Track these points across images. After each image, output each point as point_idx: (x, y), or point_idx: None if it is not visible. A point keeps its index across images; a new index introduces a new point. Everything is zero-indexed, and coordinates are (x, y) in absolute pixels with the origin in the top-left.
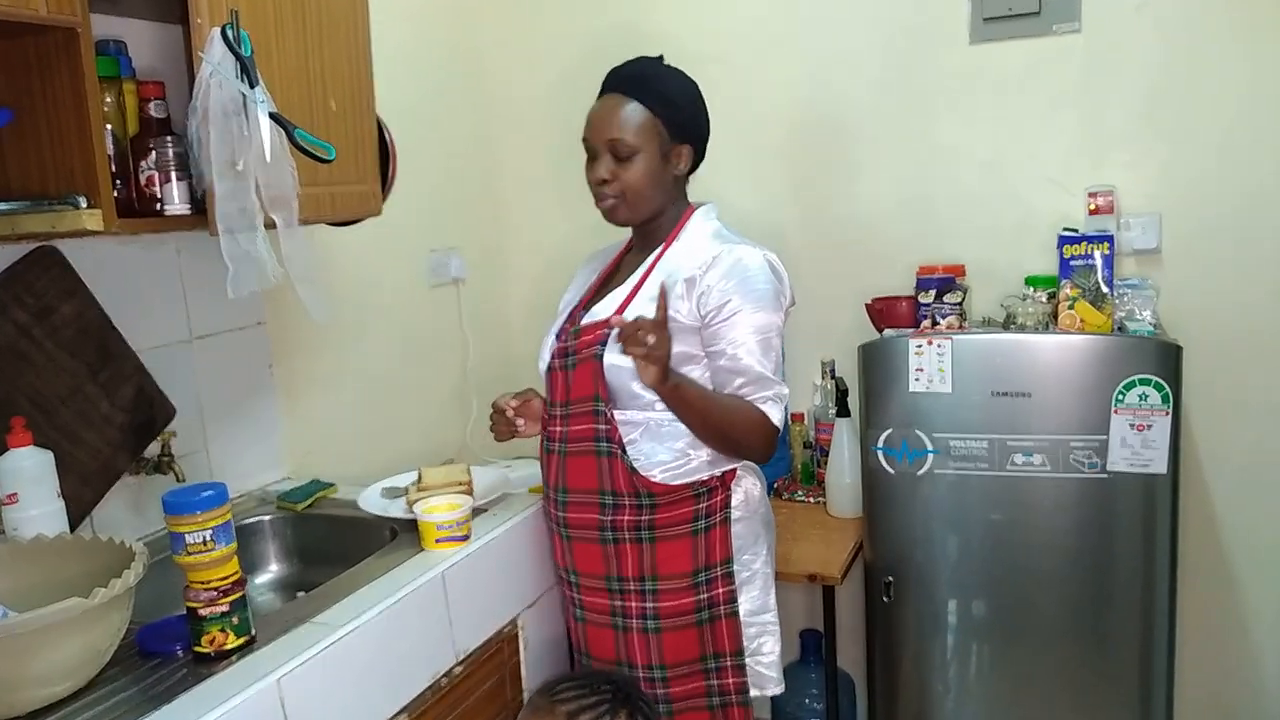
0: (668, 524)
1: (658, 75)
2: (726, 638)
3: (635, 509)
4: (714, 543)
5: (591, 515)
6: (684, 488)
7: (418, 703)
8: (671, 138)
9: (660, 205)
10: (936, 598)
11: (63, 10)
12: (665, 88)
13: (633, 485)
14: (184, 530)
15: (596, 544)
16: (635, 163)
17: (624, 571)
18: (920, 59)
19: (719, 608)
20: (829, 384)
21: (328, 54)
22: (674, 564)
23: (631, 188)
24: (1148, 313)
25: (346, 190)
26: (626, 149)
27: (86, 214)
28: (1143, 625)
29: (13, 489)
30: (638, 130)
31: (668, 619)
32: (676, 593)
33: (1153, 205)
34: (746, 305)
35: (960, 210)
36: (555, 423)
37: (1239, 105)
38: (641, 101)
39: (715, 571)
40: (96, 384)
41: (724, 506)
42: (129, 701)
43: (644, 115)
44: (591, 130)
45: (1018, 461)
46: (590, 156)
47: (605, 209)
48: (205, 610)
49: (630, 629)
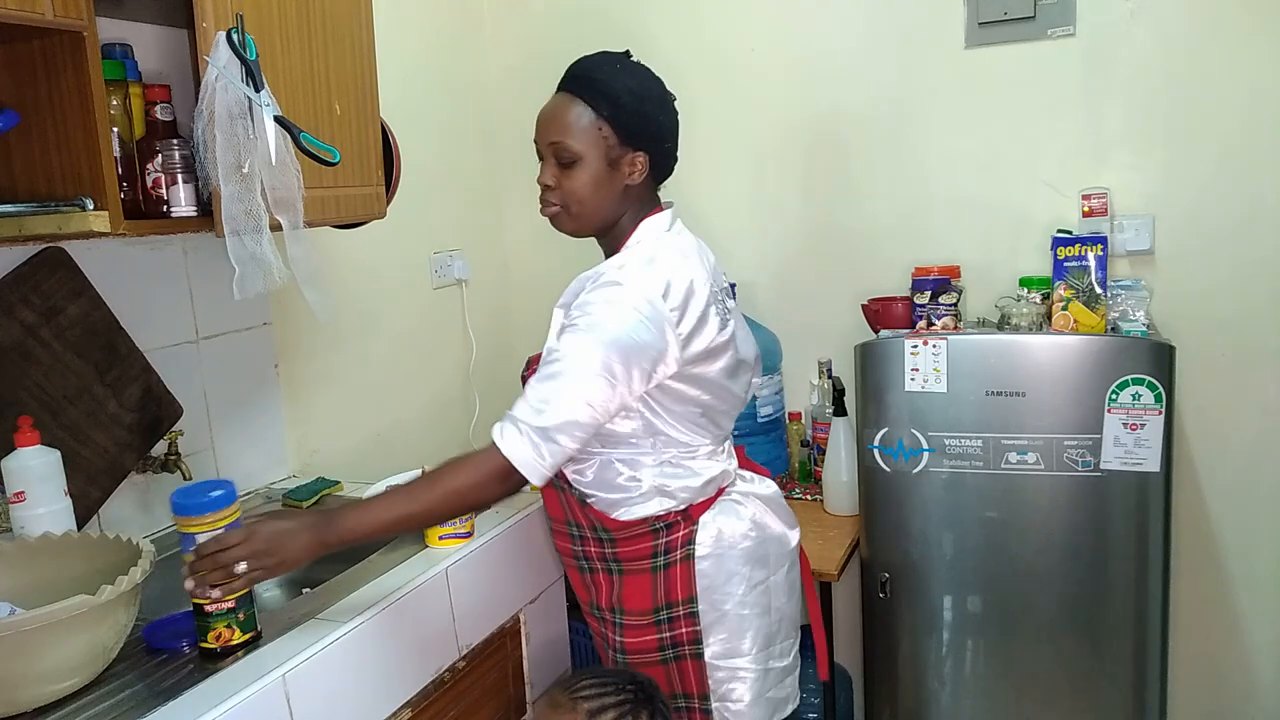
0: (630, 558)
1: (610, 74)
2: (692, 679)
3: (598, 541)
4: (674, 580)
5: (566, 544)
6: (639, 523)
7: (421, 697)
8: (622, 143)
9: (609, 216)
10: (932, 595)
11: (69, 14)
12: (615, 88)
13: (589, 519)
14: (193, 530)
15: (576, 571)
16: (578, 170)
17: (599, 600)
18: (916, 63)
19: (683, 647)
20: (826, 383)
21: (332, 58)
22: (636, 600)
23: (574, 197)
24: (1141, 313)
25: (351, 193)
26: (568, 154)
27: (93, 216)
28: (1136, 621)
29: (20, 487)
30: (582, 134)
31: (633, 655)
32: (640, 629)
33: (1146, 207)
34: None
35: (955, 212)
36: None
37: (1232, 108)
38: (587, 103)
39: (677, 610)
40: (104, 384)
41: (687, 543)
42: (135, 697)
43: (589, 118)
44: (537, 131)
45: (1012, 460)
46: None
47: (547, 215)
48: (211, 607)
49: (610, 658)
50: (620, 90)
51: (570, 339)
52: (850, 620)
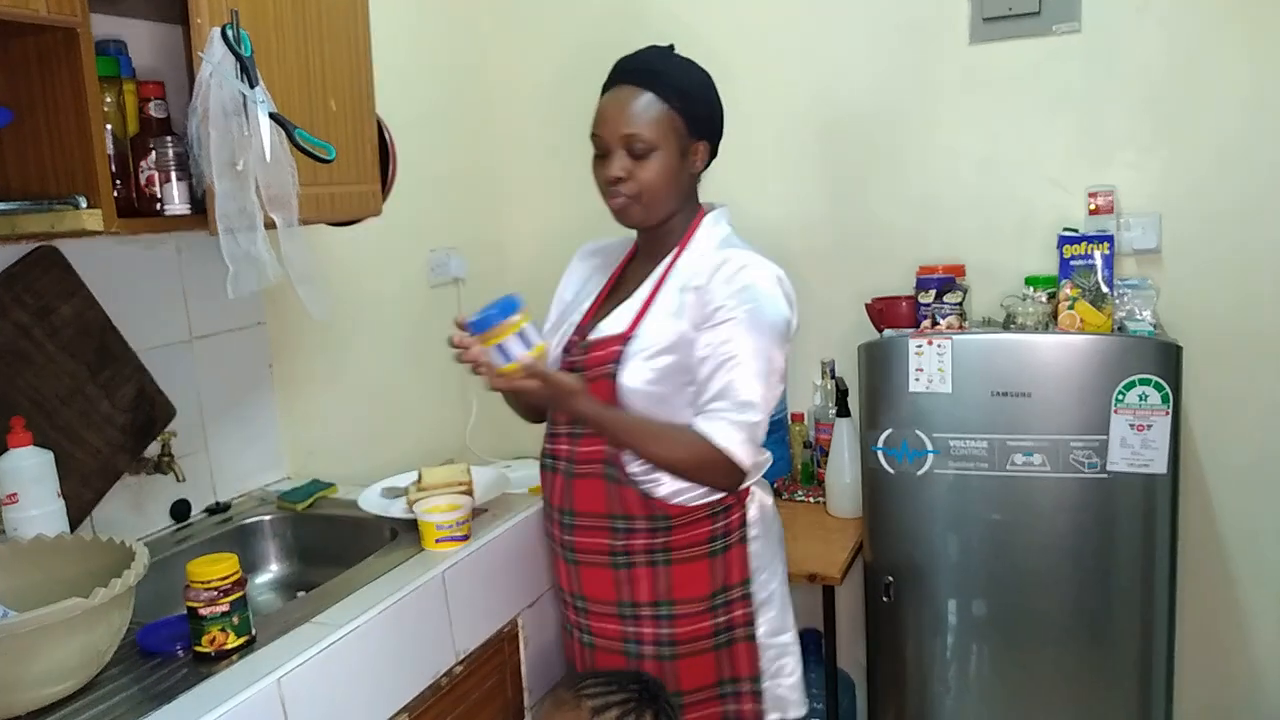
0: (684, 545)
1: (673, 66)
2: (744, 662)
3: (650, 533)
4: (732, 563)
5: (601, 540)
6: (700, 508)
7: (418, 702)
8: (689, 133)
9: (675, 207)
10: (936, 598)
11: (63, 10)
12: (682, 79)
13: (647, 509)
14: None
15: (607, 569)
16: (652, 160)
17: (637, 597)
18: (920, 59)
19: (736, 630)
20: (829, 384)
21: (328, 54)
22: (691, 587)
23: (648, 187)
24: (1147, 313)
25: (346, 190)
26: (643, 145)
27: (86, 214)
28: (1142, 624)
29: (13, 489)
30: (655, 125)
31: (684, 644)
32: (693, 617)
33: (1153, 205)
34: (749, 324)
35: (960, 210)
36: (560, 441)
37: (1239, 105)
38: (657, 94)
39: (733, 593)
40: (97, 384)
41: (741, 525)
42: (129, 701)
43: (661, 108)
44: (603, 125)
45: (1017, 461)
46: (600, 153)
47: (616, 207)
48: (205, 610)
49: (644, 656)
50: (686, 81)
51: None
52: (853, 624)
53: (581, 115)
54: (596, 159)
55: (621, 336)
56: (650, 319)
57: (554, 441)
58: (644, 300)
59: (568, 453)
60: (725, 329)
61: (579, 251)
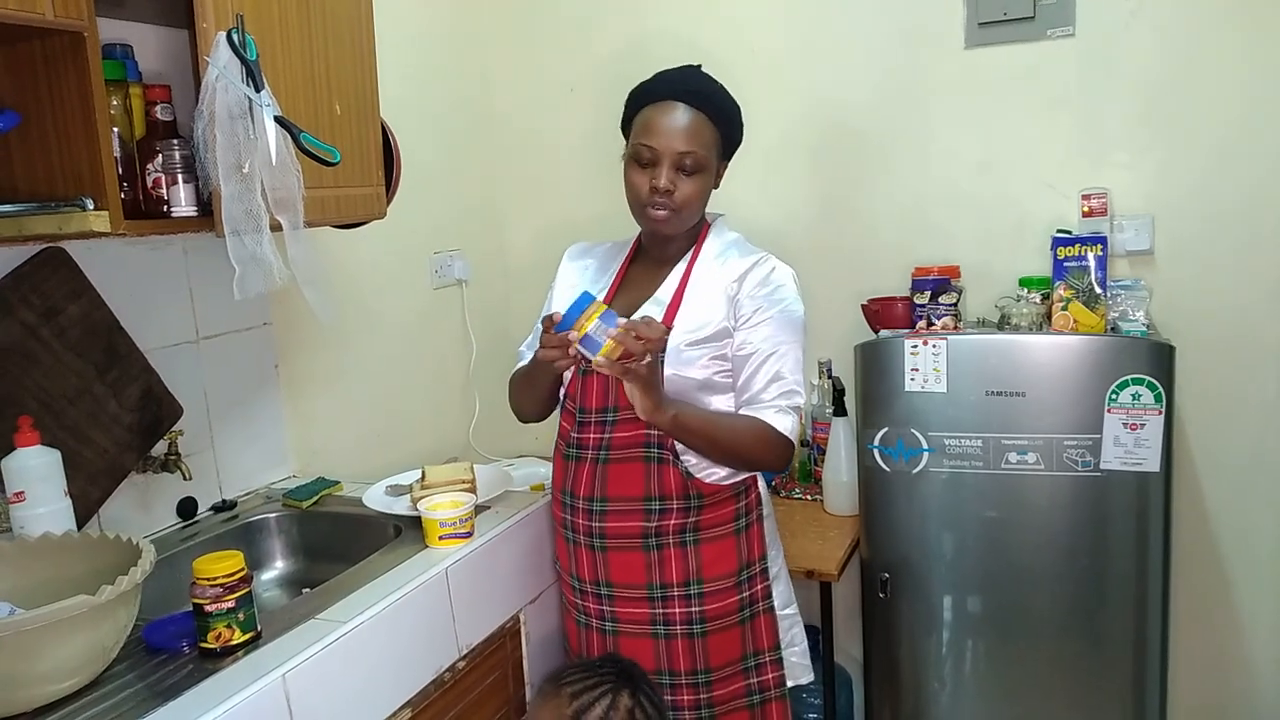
0: (712, 524)
1: (719, 90)
2: (765, 634)
3: (683, 512)
4: (753, 540)
5: (635, 523)
6: (727, 487)
7: (421, 697)
8: (722, 154)
9: (696, 221)
10: (932, 594)
11: (69, 14)
12: (727, 105)
13: (684, 488)
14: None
15: (639, 551)
16: (698, 178)
17: (667, 578)
18: (916, 63)
19: (758, 604)
20: (826, 383)
21: (333, 58)
22: (719, 565)
23: (688, 203)
24: (1141, 313)
25: (351, 193)
26: (696, 163)
27: (94, 216)
28: (1136, 621)
29: (20, 487)
30: (709, 146)
31: (713, 621)
32: (722, 594)
33: (1146, 207)
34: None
35: (955, 212)
36: (589, 429)
37: (1232, 108)
38: (709, 117)
39: (755, 569)
40: (104, 384)
41: (758, 504)
42: (135, 697)
43: (712, 132)
44: (659, 138)
45: (1012, 460)
46: (645, 163)
47: (658, 219)
48: (211, 606)
49: (674, 635)
50: (729, 107)
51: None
52: (850, 620)
53: (585, 120)
54: (637, 167)
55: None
56: (685, 316)
57: (582, 430)
58: (670, 300)
59: (599, 440)
60: (765, 327)
61: (569, 252)
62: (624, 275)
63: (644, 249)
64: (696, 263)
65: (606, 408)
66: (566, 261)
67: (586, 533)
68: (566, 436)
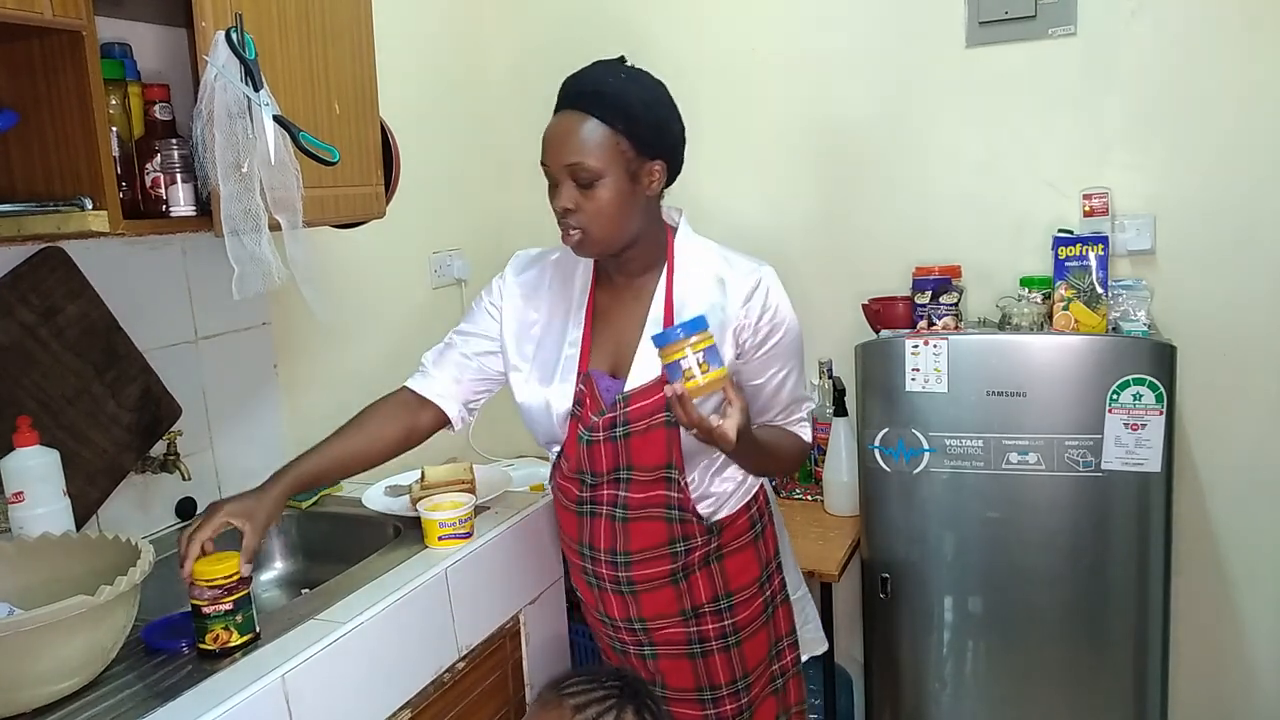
0: (732, 539)
1: (617, 86)
2: (784, 621)
3: (706, 543)
4: (769, 540)
5: (663, 567)
6: (743, 508)
7: (420, 698)
8: (639, 155)
9: (633, 232)
10: (933, 595)
11: (68, 13)
12: (626, 99)
13: (705, 526)
14: (677, 358)
15: (668, 587)
16: (600, 189)
17: (697, 600)
18: (916, 62)
19: (777, 598)
20: (826, 383)
21: (332, 57)
22: (744, 574)
23: (598, 218)
24: (1142, 313)
25: (350, 192)
26: (588, 174)
27: (92, 215)
28: (1137, 622)
29: (19, 487)
30: (598, 151)
31: (745, 628)
32: (750, 599)
33: (1147, 207)
34: (784, 331)
35: (956, 212)
36: (601, 488)
37: (1234, 107)
38: (599, 118)
39: (772, 566)
40: (103, 384)
41: (766, 502)
42: (134, 698)
43: (605, 134)
44: (547, 153)
45: (1013, 460)
46: (550, 183)
47: (573, 243)
48: (209, 609)
49: (710, 652)
50: (632, 100)
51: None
52: (851, 621)
53: None
54: (549, 190)
55: (663, 381)
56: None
57: (595, 490)
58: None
59: (613, 498)
60: (779, 355)
61: (512, 266)
62: (592, 308)
63: (606, 270)
64: (675, 286)
65: (619, 468)
66: (511, 283)
67: (613, 581)
68: (573, 496)
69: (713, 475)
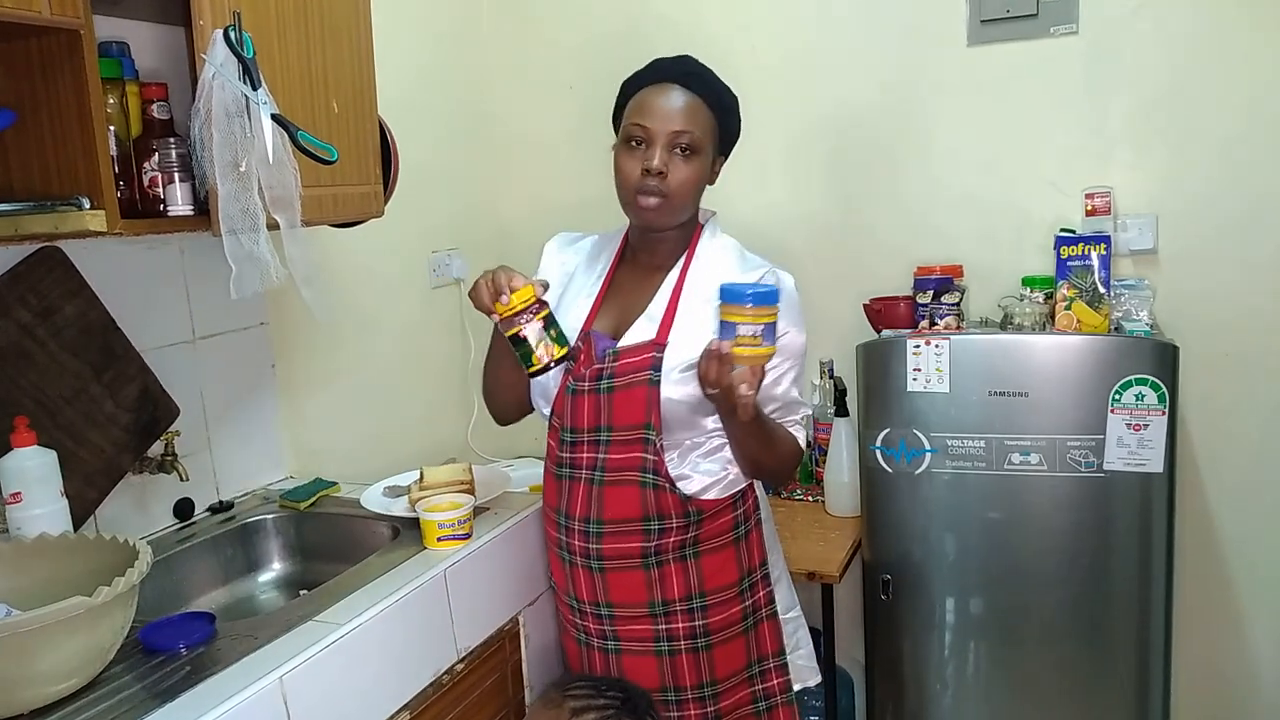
0: (711, 536)
1: (716, 78)
2: (769, 639)
3: (682, 529)
4: (752, 547)
5: (634, 544)
6: (727, 499)
7: (419, 700)
8: (719, 146)
9: (690, 213)
10: (934, 596)
11: (65, 12)
12: (726, 95)
13: (683, 507)
14: (736, 320)
15: (638, 570)
16: (694, 161)
17: (668, 594)
18: (918, 61)
19: (761, 611)
20: (827, 384)
21: (330, 56)
22: (721, 576)
23: (680, 188)
24: (1144, 313)
25: (349, 191)
26: (693, 145)
27: (90, 215)
28: (1139, 623)
29: (17, 488)
30: (705, 129)
31: (718, 633)
32: (724, 605)
33: (1150, 206)
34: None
35: (958, 211)
36: (581, 448)
37: (1237, 106)
38: (705, 101)
39: (756, 575)
40: (100, 384)
41: (755, 509)
42: (132, 699)
43: (709, 116)
44: (653, 117)
45: (1015, 461)
46: (637, 143)
47: (646, 206)
48: (527, 327)
49: (678, 651)
50: (726, 99)
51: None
52: (852, 622)
53: (585, 118)
54: (628, 151)
55: (654, 344)
56: (681, 329)
57: (574, 449)
58: (665, 309)
59: (592, 460)
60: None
61: (556, 241)
62: (610, 281)
63: (632, 250)
64: (690, 271)
65: (599, 427)
66: (554, 251)
67: (584, 554)
68: (555, 455)
69: (695, 457)
